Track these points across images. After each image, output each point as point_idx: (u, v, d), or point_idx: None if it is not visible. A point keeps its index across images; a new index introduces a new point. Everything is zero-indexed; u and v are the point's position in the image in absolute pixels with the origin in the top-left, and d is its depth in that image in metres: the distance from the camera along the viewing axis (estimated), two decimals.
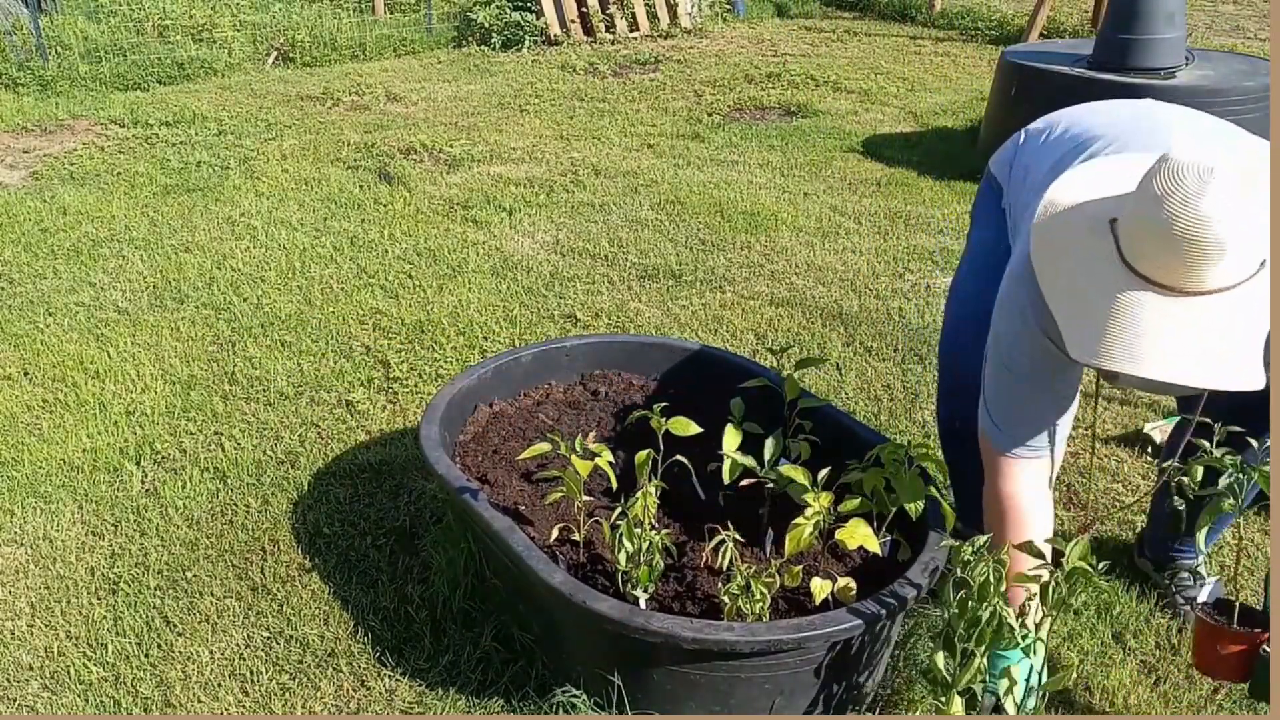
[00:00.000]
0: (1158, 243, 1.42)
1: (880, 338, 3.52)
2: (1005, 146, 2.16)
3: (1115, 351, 1.46)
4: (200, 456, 2.89)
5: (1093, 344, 1.48)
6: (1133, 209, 1.46)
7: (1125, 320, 1.46)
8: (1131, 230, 1.46)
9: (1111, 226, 1.51)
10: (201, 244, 4.39)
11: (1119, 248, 1.49)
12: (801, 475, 1.94)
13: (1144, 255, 1.45)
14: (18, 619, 2.30)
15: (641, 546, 1.89)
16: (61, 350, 3.48)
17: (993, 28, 8.54)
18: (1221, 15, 9.18)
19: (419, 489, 2.70)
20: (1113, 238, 1.50)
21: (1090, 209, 1.57)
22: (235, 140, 5.90)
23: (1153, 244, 1.42)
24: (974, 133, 5.80)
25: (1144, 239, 1.44)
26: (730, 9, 9.63)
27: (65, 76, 7.03)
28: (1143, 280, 1.45)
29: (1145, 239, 1.43)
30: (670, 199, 4.90)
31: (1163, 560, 2.32)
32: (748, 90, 7.02)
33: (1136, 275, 1.46)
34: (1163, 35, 4.73)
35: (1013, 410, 1.82)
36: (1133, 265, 1.46)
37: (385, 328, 3.63)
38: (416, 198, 4.96)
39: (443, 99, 6.98)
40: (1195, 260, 1.40)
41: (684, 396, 2.59)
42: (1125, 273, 1.47)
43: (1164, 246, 1.41)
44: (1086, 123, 1.93)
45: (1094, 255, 1.52)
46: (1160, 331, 1.44)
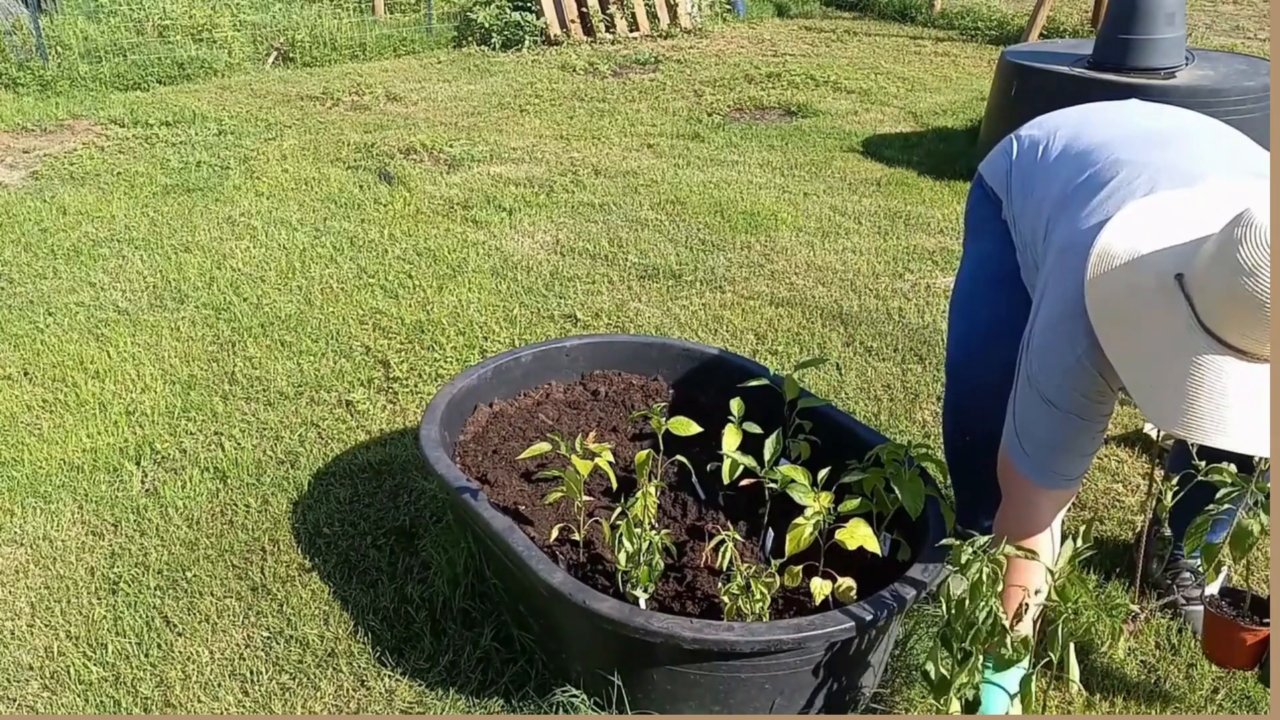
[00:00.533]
0: (1245, 313, 1.37)
1: (880, 338, 3.52)
2: (996, 154, 2.11)
3: (1205, 423, 1.42)
4: (200, 456, 2.89)
5: (1177, 415, 1.44)
6: (1215, 276, 1.39)
7: (1210, 388, 1.41)
8: (1212, 296, 1.40)
9: (1180, 284, 1.45)
10: (201, 244, 4.39)
11: (1194, 309, 1.43)
12: (801, 475, 1.94)
13: (1227, 322, 1.39)
14: (18, 619, 2.30)
15: (641, 546, 1.89)
16: (61, 350, 3.48)
17: (993, 28, 8.55)
18: (1221, 15, 9.18)
19: (419, 489, 2.70)
20: (1184, 298, 1.44)
21: (1150, 263, 1.51)
22: (235, 140, 5.90)
23: (1239, 314, 1.37)
24: (974, 133, 5.80)
25: (1229, 308, 1.38)
26: (730, 9, 9.63)
27: (65, 76, 7.03)
28: (1224, 345, 1.41)
29: (1230, 308, 1.38)
30: (670, 199, 4.90)
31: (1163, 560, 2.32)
32: (748, 90, 7.02)
33: (1217, 340, 1.41)
34: (1163, 35, 4.73)
35: (1054, 442, 1.75)
36: (1212, 330, 1.41)
37: (385, 328, 3.63)
38: (416, 198, 4.96)
39: (443, 99, 6.98)
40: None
41: (684, 396, 2.60)
42: (1204, 337, 1.42)
43: (1252, 317, 1.36)
44: (1087, 139, 1.87)
45: (1165, 316, 1.46)
46: (1246, 399, 1.40)
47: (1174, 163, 1.70)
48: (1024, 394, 1.77)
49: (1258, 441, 1.42)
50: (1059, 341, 1.68)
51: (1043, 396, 1.72)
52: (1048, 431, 1.74)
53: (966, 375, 2.18)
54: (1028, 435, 1.77)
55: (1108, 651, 2.14)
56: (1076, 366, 1.65)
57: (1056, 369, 1.69)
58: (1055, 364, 1.69)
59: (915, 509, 1.91)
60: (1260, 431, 1.41)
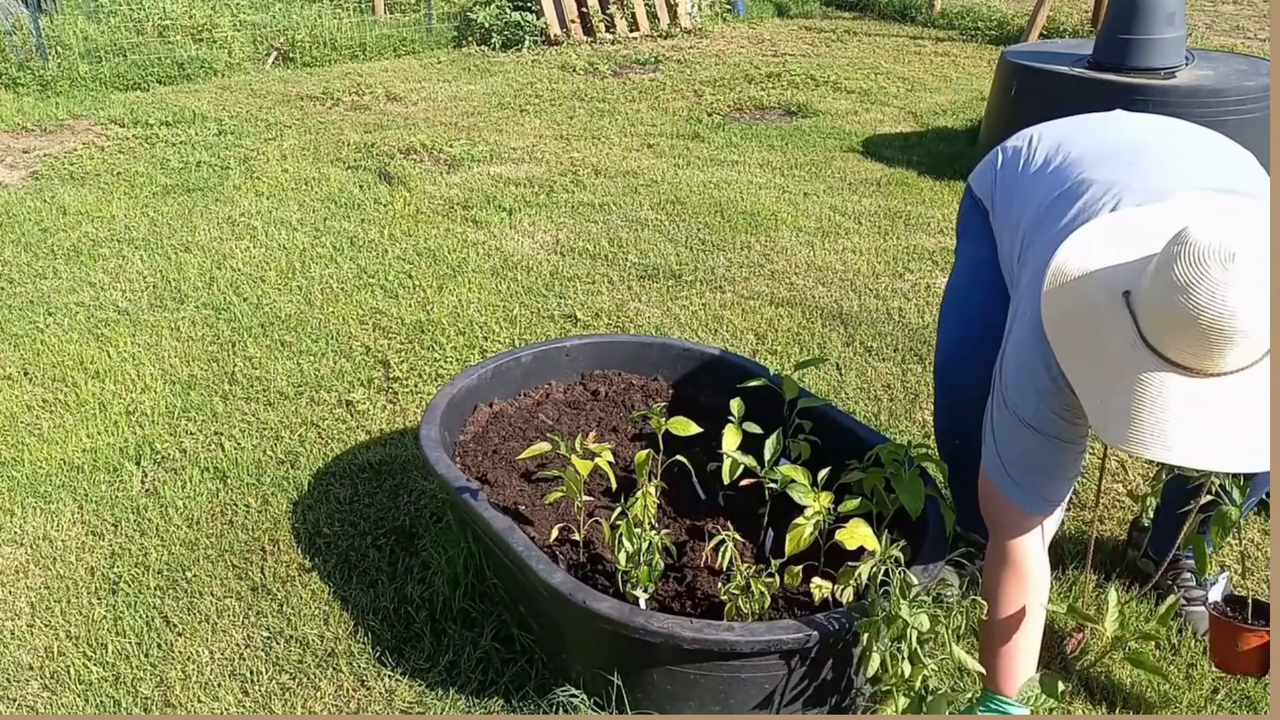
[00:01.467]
0: (1182, 330, 1.38)
1: (880, 338, 3.52)
2: (984, 165, 2.12)
3: (1146, 438, 1.42)
4: (200, 456, 2.89)
5: (1122, 429, 1.45)
6: (1154, 293, 1.41)
7: (1151, 404, 1.42)
8: (1153, 314, 1.42)
9: (1126, 301, 1.47)
10: (201, 244, 4.39)
11: (1138, 326, 1.45)
12: (801, 475, 1.94)
13: (1166, 339, 1.41)
14: (18, 619, 2.30)
15: (641, 546, 1.89)
16: (61, 350, 3.48)
17: (993, 28, 8.55)
18: (1221, 15, 9.18)
19: (419, 489, 2.70)
20: (1129, 315, 1.46)
21: (1103, 279, 1.52)
22: (235, 140, 5.90)
23: (1176, 330, 1.39)
24: (974, 133, 5.80)
25: (1166, 324, 1.40)
26: (730, 9, 9.63)
27: (65, 76, 7.03)
28: (1166, 361, 1.42)
29: (1168, 324, 1.39)
30: (670, 199, 4.90)
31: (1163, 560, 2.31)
32: (748, 90, 7.02)
33: (1159, 356, 1.42)
34: (1163, 35, 4.73)
35: (1036, 466, 1.75)
36: (1154, 346, 1.42)
37: (385, 328, 3.63)
38: (416, 198, 4.96)
39: (443, 99, 6.98)
40: (1220, 346, 1.37)
41: (684, 396, 2.60)
42: (1147, 353, 1.43)
43: (1189, 334, 1.37)
44: (1070, 153, 1.87)
45: (1113, 331, 1.48)
46: (1187, 415, 1.41)
47: (1140, 180, 1.70)
48: (1001, 418, 1.76)
49: (1202, 456, 1.42)
50: (1032, 363, 1.68)
51: (1020, 419, 1.71)
52: (1029, 456, 1.73)
53: (957, 379, 2.17)
54: (1010, 460, 1.76)
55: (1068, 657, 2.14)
56: (1051, 387, 1.65)
57: (1031, 391, 1.69)
58: (1029, 386, 1.69)
59: (915, 509, 1.91)
60: (1204, 446, 1.41)
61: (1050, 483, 1.75)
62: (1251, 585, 2.34)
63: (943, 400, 2.25)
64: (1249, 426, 1.41)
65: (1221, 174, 1.73)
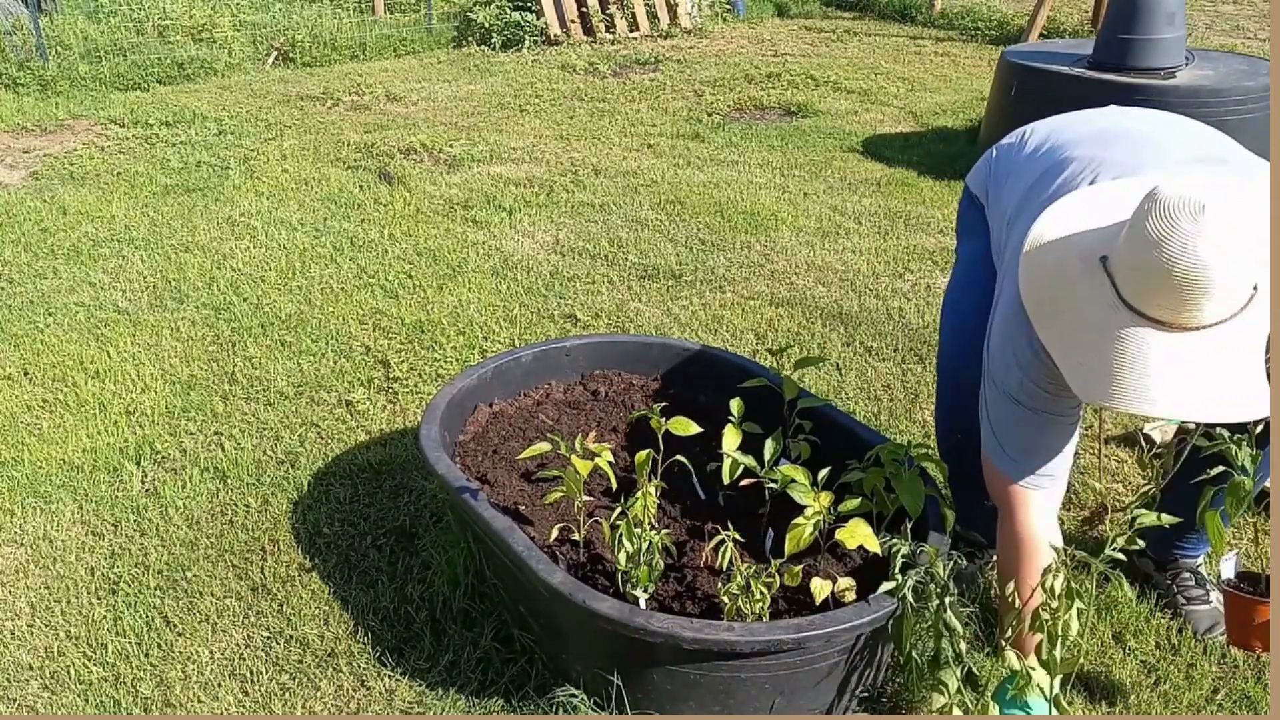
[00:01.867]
0: (1157, 284, 1.41)
1: (880, 338, 3.52)
2: (980, 164, 2.16)
3: (1129, 393, 1.45)
4: (200, 456, 2.89)
5: (1103, 387, 1.47)
6: (1128, 251, 1.45)
7: (1133, 360, 1.45)
8: (1128, 272, 1.45)
9: (1104, 265, 1.50)
10: (201, 244, 4.39)
11: (1115, 287, 1.48)
12: (801, 475, 1.94)
13: (1144, 295, 1.44)
14: (18, 619, 2.30)
15: (641, 546, 1.89)
16: (61, 350, 3.48)
17: (993, 28, 8.55)
18: (1221, 15, 9.18)
19: (419, 489, 2.70)
20: (1107, 276, 1.49)
21: (1078, 244, 1.56)
22: (235, 140, 5.90)
23: (1152, 286, 1.42)
24: (974, 133, 5.80)
25: (1142, 281, 1.43)
26: (730, 9, 9.63)
27: (65, 76, 7.03)
28: (1144, 319, 1.45)
29: (1144, 281, 1.43)
30: (670, 199, 4.90)
31: (1164, 560, 2.32)
32: (748, 90, 7.02)
33: (1138, 314, 1.45)
34: (1163, 35, 4.73)
35: (1027, 441, 1.78)
36: (1133, 305, 1.46)
37: (385, 328, 3.63)
38: (416, 198, 4.96)
39: (443, 99, 6.98)
40: (1196, 298, 1.39)
41: (684, 396, 2.60)
42: (1126, 312, 1.46)
43: (1164, 288, 1.41)
44: (1057, 140, 1.91)
45: (1091, 296, 1.51)
46: (1168, 369, 1.43)
47: (1118, 157, 1.73)
48: (991, 397, 1.80)
49: (1184, 408, 1.45)
50: (1015, 336, 1.71)
51: (1008, 395, 1.75)
52: (1022, 432, 1.77)
53: (959, 376, 2.19)
54: (1005, 438, 1.79)
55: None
56: (1034, 359, 1.68)
57: (1014, 365, 1.72)
58: (1012, 359, 1.72)
59: (915, 509, 1.91)
60: (1187, 398, 1.44)
61: (1045, 457, 1.78)
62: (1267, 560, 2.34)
63: (943, 397, 2.27)
64: (1232, 378, 1.44)
65: (1200, 148, 1.76)
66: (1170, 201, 1.39)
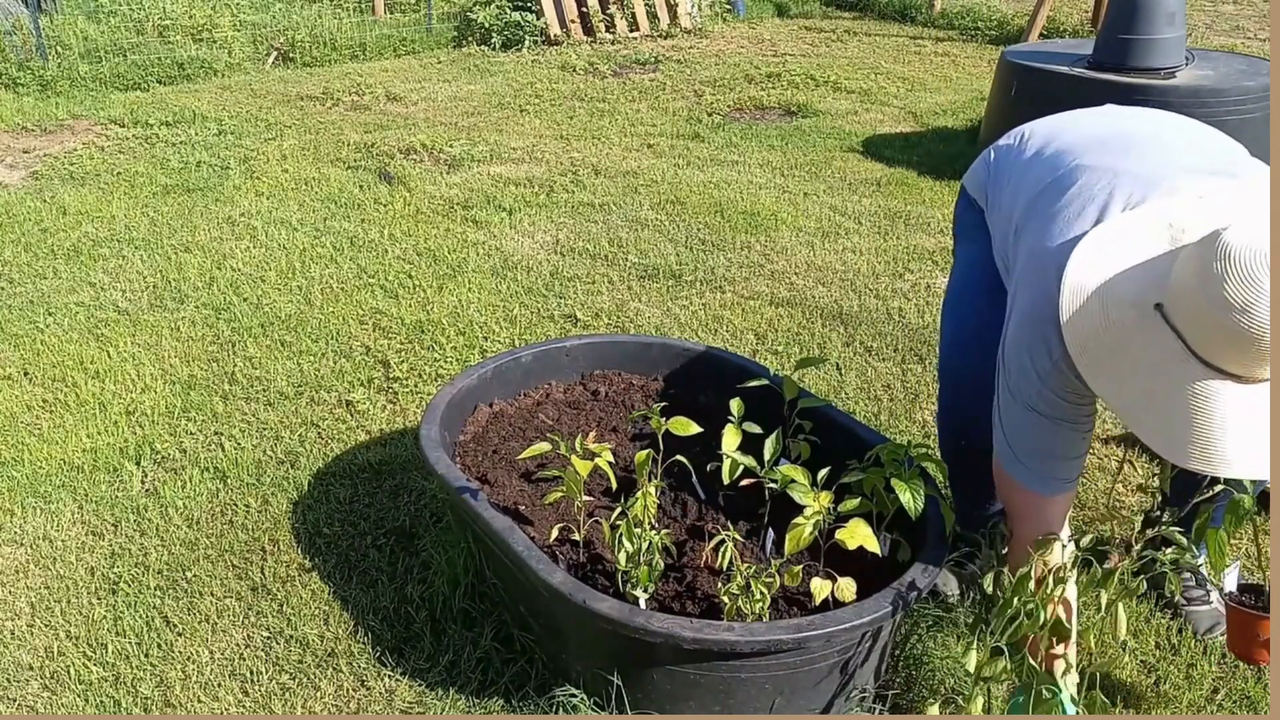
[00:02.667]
0: (1242, 347, 1.37)
1: (880, 338, 3.52)
2: (977, 165, 2.13)
3: (1211, 455, 1.43)
4: (200, 456, 2.89)
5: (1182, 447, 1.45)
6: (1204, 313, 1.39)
7: (1208, 415, 1.43)
8: (1206, 334, 1.40)
9: (1161, 313, 1.45)
10: (201, 244, 4.39)
11: (1185, 342, 1.43)
12: (801, 475, 1.94)
13: (1223, 355, 1.40)
14: (18, 619, 2.30)
15: (641, 546, 1.89)
16: (61, 350, 3.48)
17: (993, 28, 8.55)
18: (1221, 15, 9.18)
19: (419, 489, 2.70)
20: (1169, 329, 1.45)
21: (1126, 292, 1.51)
22: (235, 140, 5.90)
23: (1235, 348, 1.38)
24: (974, 133, 5.80)
25: (1223, 342, 1.39)
26: (730, 9, 9.63)
27: (65, 76, 7.03)
28: (1220, 372, 1.42)
29: (1224, 342, 1.39)
30: (670, 199, 4.90)
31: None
32: (748, 90, 7.02)
33: (1211, 368, 1.42)
34: (1163, 35, 4.73)
35: (1044, 449, 1.76)
36: (1205, 359, 1.42)
37: (385, 328, 3.63)
38: (416, 198, 4.96)
39: (443, 99, 6.98)
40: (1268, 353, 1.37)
41: (684, 396, 2.60)
42: (1198, 366, 1.43)
43: (1250, 350, 1.37)
44: (1061, 144, 1.89)
45: (1157, 351, 1.46)
46: (1240, 423, 1.42)
47: (1133, 168, 1.71)
48: (1007, 405, 1.77)
49: (1256, 467, 1.43)
50: (1034, 347, 1.69)
51: (1026, 405, 1.73)
52: (1038, 440, 1.75)
53: (959, 377, 2.19)
54: (1020, 446, 1.78)
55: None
56: (1053, 370, 1.66)
57: (1033, 376, 1.70)
58: (1031, 370, 1.70)
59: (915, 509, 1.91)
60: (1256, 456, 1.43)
61: (1060, 464, 1.77)
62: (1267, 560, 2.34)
63: (944, 399, 2.27)
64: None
65: (1209, 157, 1.75)
66: (1244, 258, 1.34)
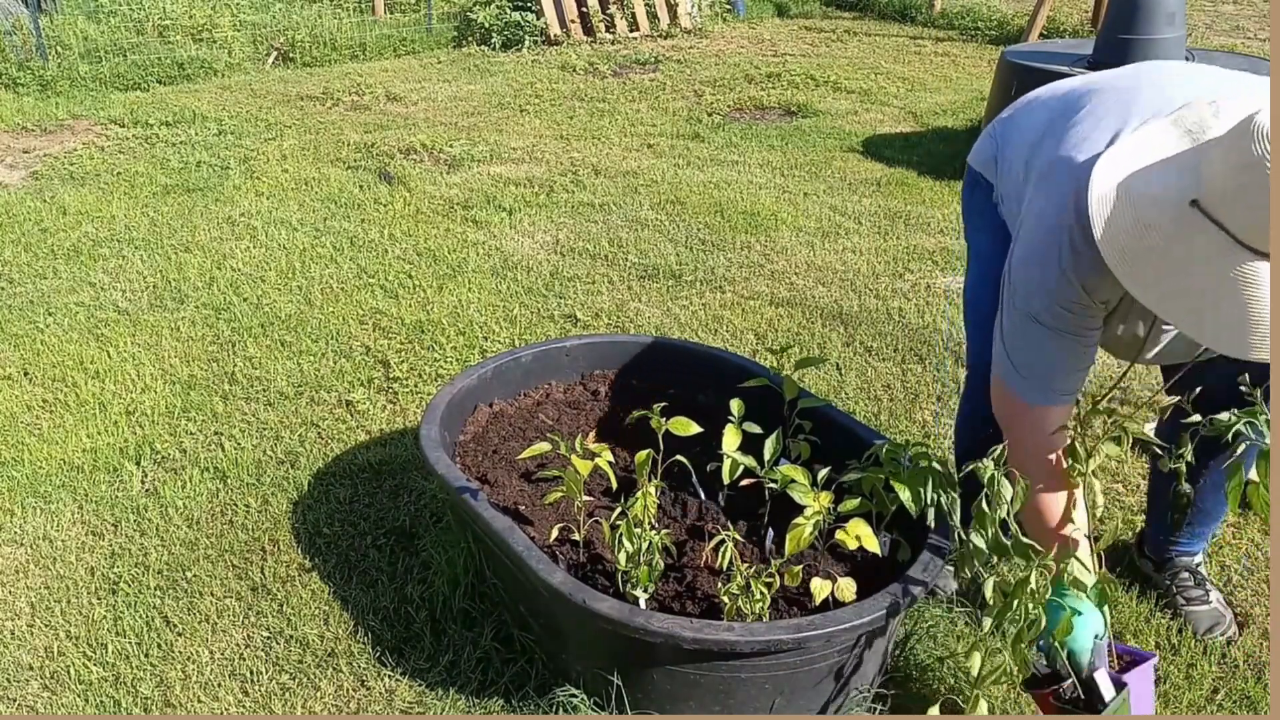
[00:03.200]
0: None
1: (880, 338, 3.52)
2: (981, 143, 2.12)
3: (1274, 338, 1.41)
4: (200, 456, 2.89)
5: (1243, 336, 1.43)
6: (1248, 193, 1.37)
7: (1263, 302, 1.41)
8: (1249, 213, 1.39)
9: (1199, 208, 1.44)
10: (201, 244, 4.39)
11: (1228, 231, 1.42)
12: (801, 475, 1.94)
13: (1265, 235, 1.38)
14: (18, 619, 2.30)
15: (641, 546, 1.89)
16: (61, 350, 3.48)
17: (993, 28, 8.55)
18: (1221, 15, 9.18)
19: (419, 489, 2.70)
20: (1211, 223, 1.43)
21: (1156, 191, 1.50)
22: (235, 140, 5.90)
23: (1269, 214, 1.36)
24: (974, 133, 5.79)
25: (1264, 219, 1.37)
26: (730, 9, 9.63)
27: (65, 76, 7.03)
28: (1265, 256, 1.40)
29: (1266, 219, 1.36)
30: (670, 199, 4.90)
31: (1163, 560, 2.32)
32: (748, 90, 7.03)
33: (1259, 254, 1.40)
34: (1163, 35, 4.73)
35: (1052, 364, 1.76)
36: (1251, 245, 1.40)
37: (385, 328, 3.63)
38: (416, 198, 4.96)
39: (443, 99, 6.98)
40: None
41: (684, 396, 2.60)
42: (1245, 253, 1.41)
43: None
44: (1064, 86, 1.91)
45: (1201, 246, 1.44)
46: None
47: (1145, 91, 1.71)
48: (1011, 321, 1.77)
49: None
50: (1045, 258, 1.68)
51: (1033, 317, 1.73)
52: (1042, 352, 1.75)
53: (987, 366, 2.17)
54: (1022, 361, 1.78)
55: None
56: (1061, 280, 1.66)
57: (1041, 287, 1.69)
58: (1039, 282, 1.69)
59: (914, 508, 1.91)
60: None
61: (1061, 375, 1.77)
62: (1253, 584, 2.34)
63: (966, 409, 2.25)
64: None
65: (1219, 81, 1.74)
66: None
